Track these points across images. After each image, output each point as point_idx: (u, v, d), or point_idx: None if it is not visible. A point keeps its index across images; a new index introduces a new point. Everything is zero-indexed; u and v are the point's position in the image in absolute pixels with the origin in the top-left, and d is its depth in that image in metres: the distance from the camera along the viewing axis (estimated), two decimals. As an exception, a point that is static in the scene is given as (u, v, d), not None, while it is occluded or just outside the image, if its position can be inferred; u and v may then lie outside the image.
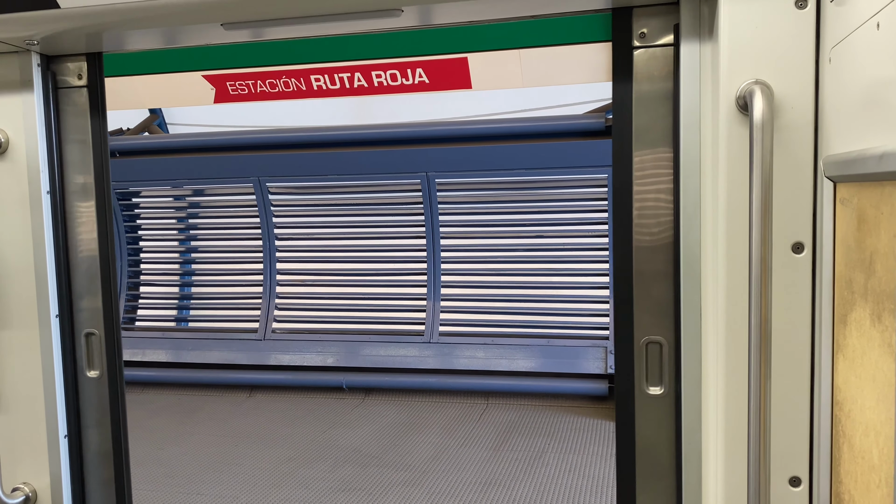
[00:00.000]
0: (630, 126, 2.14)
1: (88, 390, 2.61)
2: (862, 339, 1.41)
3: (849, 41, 1.50)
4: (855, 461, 1.46)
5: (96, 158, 2.52)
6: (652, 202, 2.14)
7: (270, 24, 2.15)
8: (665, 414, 2.16)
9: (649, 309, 2.16)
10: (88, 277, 2.57)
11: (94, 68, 2.49)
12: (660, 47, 2.10)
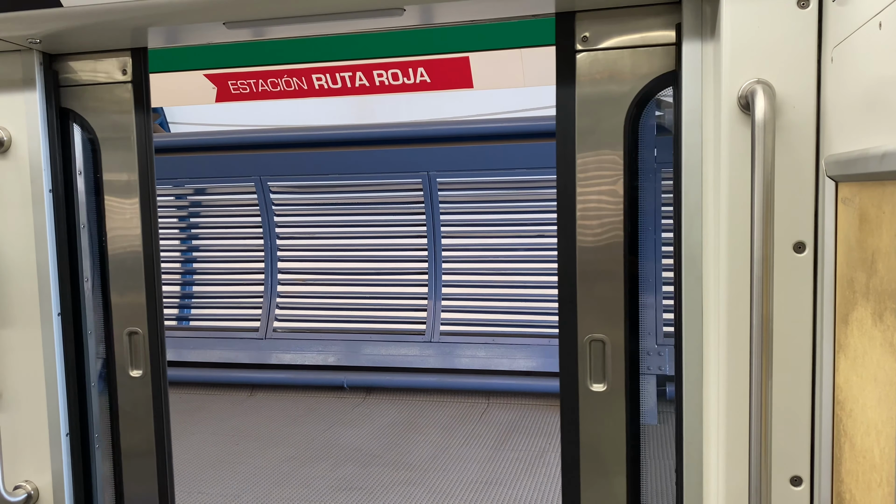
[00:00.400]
0: (573, 128, 2.18)
1: (131, 390, 2.55)
2: (863, 339, 1.41)
3: (851, 41, 1.50)
4: (856, 460, 1.46)
5: (140, 154, 2.47)
6: (595, 203, 2.18)
7: (272, 22, 2.15)
8: (609, 410, 2.21)
9: (593, 307, 2.20)
10: (131, 275, 2.52)
11: (138, 64, 2.45)
12: (602, 51, 2.14)
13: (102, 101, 2.48)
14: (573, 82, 2.16)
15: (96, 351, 2.64)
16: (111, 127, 2.49)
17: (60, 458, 2.49)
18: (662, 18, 2.07)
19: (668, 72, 2.09)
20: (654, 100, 2.14)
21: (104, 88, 2.48)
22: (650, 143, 2.18)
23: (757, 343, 1.58)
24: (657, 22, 2.09)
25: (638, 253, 2.21)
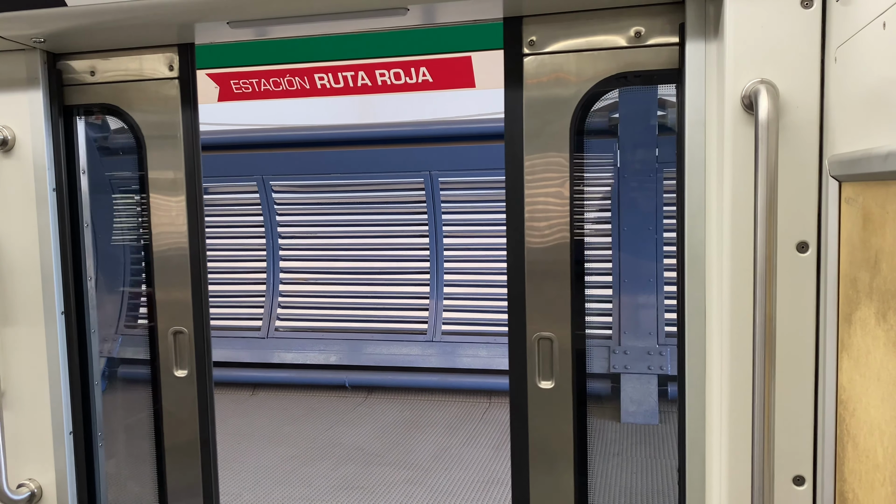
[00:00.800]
0: (521, 131, 2.21)
1: (175, 390, 2.52)
2: (867, 338, 1.41)
3: (855, 40, 1.50)
4: (859, 460, 1.46)
5: (187, 151, 2.44)
6: (542, 204, 2.22)
7: (276, 22, 2.16)
8: (556, 407, 2.25)
9: (541, 306, 2.24)
10: (176, 274, 2.48)
11: (185, 60, 2.42)
12: (548, 54, 2.17)
13: (149, 97, 2.44)
14: (521, 85, 2.19)
15: (99, 349, 2.65)
16: (157, 123, 2.45)
17: (64, 457, 2.50)
18: (664, 18, 2.07)
19: (613, 75, 2.13)
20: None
21: (150, 84, 2.44)
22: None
23: (760, 342, 1.59)
24: (606, 25, 2.12)
25: (584, 253, 2.26)
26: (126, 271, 2.79)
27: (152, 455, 2.60)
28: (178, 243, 2.47)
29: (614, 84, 2.15)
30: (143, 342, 2.73)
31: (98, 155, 2.71)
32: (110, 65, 2.46)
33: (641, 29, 2.10)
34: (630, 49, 2.12)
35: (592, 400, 6.16)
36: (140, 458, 2.69)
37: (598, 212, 7.58)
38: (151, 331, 2.53)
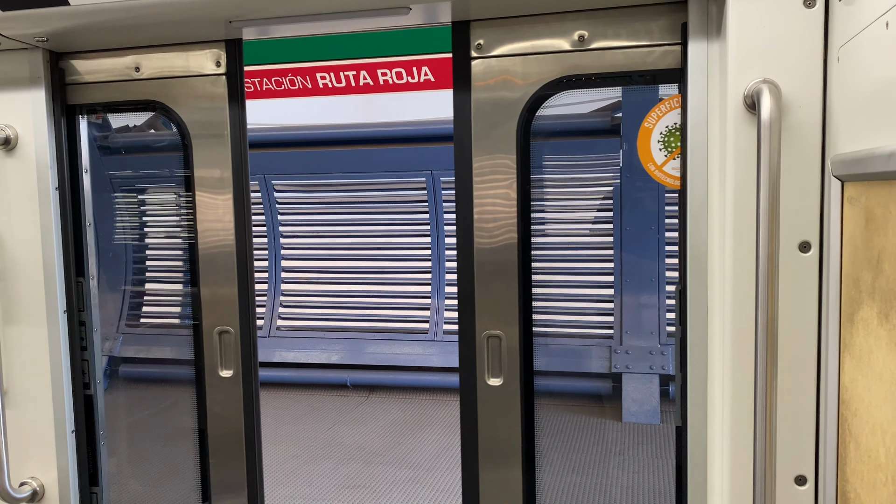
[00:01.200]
0: (469, 133, 2.24)
1: (220, 390, 2.49)
2: (869, 338, 1.41)
3: (857, 40, 1.50)
4: (861, 460, 1.46)
5: (235, 149, 2.41)
6: (490, 205, 2.25)
7: (277, 21, 2.16)
8: (504, 404, 2.29)
9: (489, 305, 2.28)
10: (222, 273, 2.45)
11: (233, 56, 2.38)
12: (495, 58, 2.20)
13: (195, 94, 2.41)
14: (469, 88, 2.23)
15: (102, 348, 2.65)
16: (204, 120, 2.41)
17: (66, 455, 2.50)
18: (666, 18, 2.07)
19: (558, 77, 2.16)
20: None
21: (197, 81, 2.41)
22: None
23: (762, 342, 1.59)
24: (549, 30, 2.15)
25: (531, 252, 2.29)
26: (128, 270, 2.78)
27: (195, 455, 2.58)
28: (225, 242, 2.44)
29: (559, 87, 2.19)
30: (146, 340, 2.73)
31: (102, 153, 2.69)
32: (153, 62, 2.42)
33: (585, 33, 2.13)
34: (574, 52, 2.15)
35: (593, 399, 6.26)
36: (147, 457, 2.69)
37: (598, 211, 7.60)
38: (196, 330, 2.50)
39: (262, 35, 2.34)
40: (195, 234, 2.45)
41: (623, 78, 2.15)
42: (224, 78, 2.38)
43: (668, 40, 2.08)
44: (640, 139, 2.14)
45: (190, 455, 2.62)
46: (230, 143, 2.40)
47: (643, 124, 2.13)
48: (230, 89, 2.39)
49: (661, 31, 2.08)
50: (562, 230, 2.13)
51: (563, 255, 2.36)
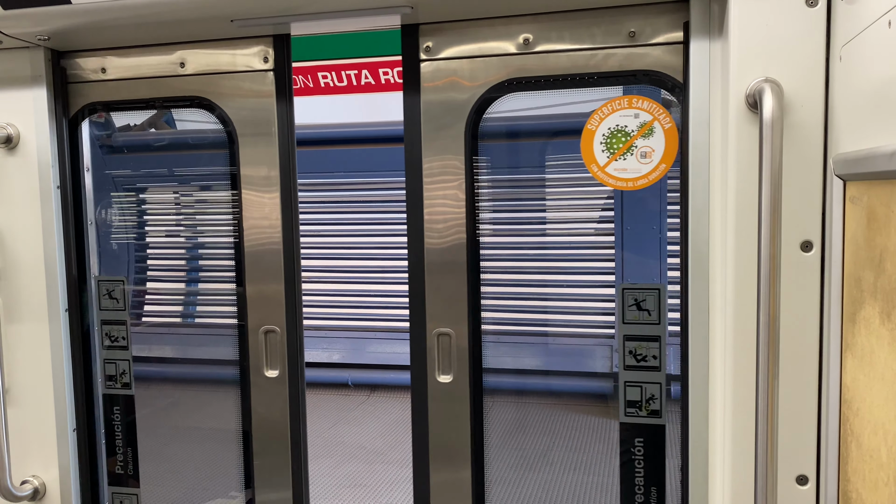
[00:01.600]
0: (419, 134, 2.26)
1: (265, 391, 2.46)
2: (871, 338, 1.41)
3: (860, 39, 1.50)
4: (863, 459, 1.46)
5: (282, 146, 2.38)
6: (440, 205, 2.28)
7: (280, 19, 2.16)
8: (456, 400, 2.35)
9: (440, 303, 2.32)
10: (268, 272, 2.42)
11: (281, 52, 2.36)
12: (443, 60, 2.23)
13: (241, 90, 2.38)
14: (418, 90, 2.25)
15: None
16: (251, 117, 2.38)
17: (67, 454, 2.50)
18: (668, 17, 2.07)
19: (506, 79, 2.20)
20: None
21: (243, 77, 2.38)
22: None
23: (764, 342, 1.58)
24: (495, 33, 2.18)
25: (479, 252, 2.33)
26: (130, 269, 2.77)
27: (239, 456, 2.56)
28: (272, 241, 2.41)
29: (505, 90, 2.22)
30: (183, 340, 2.73)
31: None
32: (200, 58, 2.40)
33: (529, 36, 2.16)
34: (519, 55, 2.18)
35: (594, 398, 6.19)
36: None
37: (602, 210, 7.60)
38: (241, 330, 2.48)
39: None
40: (240, 233, 2.42)
41: (572, 80, 2.18)
42: (272, 74, 2.36)
43: (639, 41, 2.11)
44: (583, 141, 2.18)
45: (233, 456, 2.60)
46: (278, 140, 2.37)
47: (586, 126, 2.17)
48: (278, 86, 2.36)
49: (637, 31, 2.09)
50: (520, 230, 2.15)
51: (518, 255, 2.36)
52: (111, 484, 2.66)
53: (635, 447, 2.27)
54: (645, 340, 2.24)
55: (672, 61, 2.08)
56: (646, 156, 2.13)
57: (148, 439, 2.67)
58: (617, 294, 2.26)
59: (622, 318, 2.25)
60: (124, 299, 2.60)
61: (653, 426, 2.25)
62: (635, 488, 2.29)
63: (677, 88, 2.08)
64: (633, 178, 2.16)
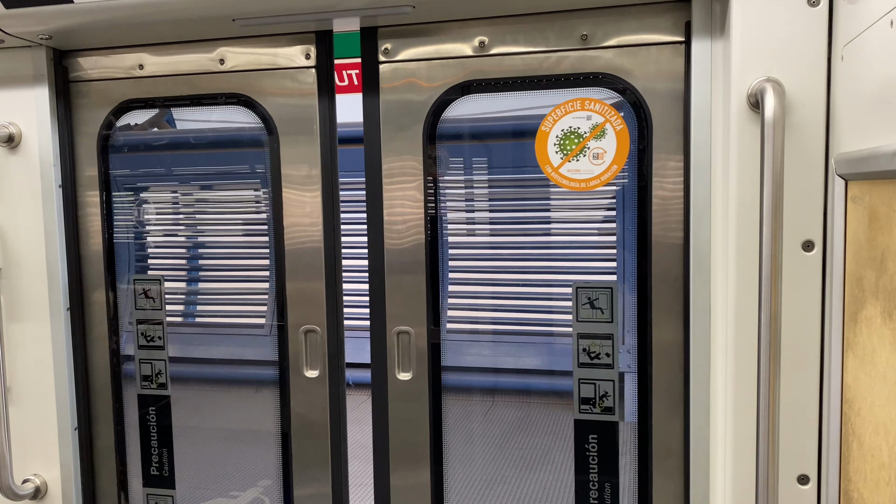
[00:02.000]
0: (378, 136, 2.28)
1: (305, 391, 2.46)
2: (872, 337, 1.41)
3: (862, 39, 1.50)
4: (864, 459, 1.46)
5: (323, 143, 2.37)
6: (399, 206, 2.30)
7: (281, 18, 2.16)
8: (414, 397, 2.38)
9: (400, 302, 2.35)
10: (309, 271, 2.41)
11: (323, 49, 2.34)
12: (401, 62, 2.25)
13: (282, 88, 2.36)
14: (377, 92, 2.27)
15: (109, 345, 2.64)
16: (292, 115, 2.36)
17: (69, 452, 2.50)
18: (669, 16, 2.07)
19: (462, 81, 2.22)
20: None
21: (284, 74, 2.36)
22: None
23: (765, 341, 1.58)
24: (451, 36, 2.21)
25: (439, 249, 2.36)
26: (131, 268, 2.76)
27: (278, 457, 2.55)
28: (312, 239, 2.40)
29: (462, 91, 2.24)
30: (221, 341, 2.72)
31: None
32: (240, 57, 2.38)
33: (485, 39, 2.19)
34: (475, 58, 2.21)
35: (553, 396, 6.11)
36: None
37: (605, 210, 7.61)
38: (280, 329, 2.47)
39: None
40: (281, 232, 2.41)
41: (528, 82, 2.21)
42: (314, 71, 2.34)
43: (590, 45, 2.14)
44: (537, 142, 2.21)
45: (271, 456, 2.59)
46: (319, 137, 2.36)
47: (540, 128, 2.20)
48: (320, 83, 2.34)
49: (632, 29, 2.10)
50: (478, 230, 2.16)
51: (477, 255, 2.37)
52: (146, 486, 2.65)
53: (589, 444, 2.31)
54: (598, 338, 2.27)
55: (624, 64, 2.11)
56: (598, 157, 2.17)
57: (184, 440, 2.66)
58: (572, 293, 2.29)
59: (577, 317, 2.29)
60: (161, 299, 2.59)
61: (606, 423, 2.27)
62: (590, 484, 2.31)
63: (628, 91, 2.11)
64: (586, 179, 2.20)
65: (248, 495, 2.61)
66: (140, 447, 2.64)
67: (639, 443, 2.23)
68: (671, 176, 2.10)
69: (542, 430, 2.52)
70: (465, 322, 2.49)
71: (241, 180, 2.57)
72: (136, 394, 2.62)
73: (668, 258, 2.14)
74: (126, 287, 2.61)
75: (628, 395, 2.27)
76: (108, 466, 2.65)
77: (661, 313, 2.16)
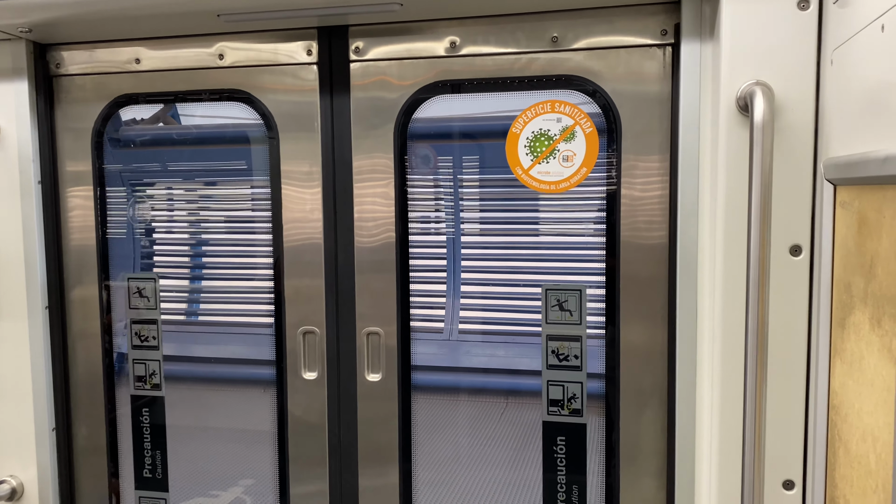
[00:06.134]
0: (349, 133, 2.27)
1: (302, 393, 2.40)
2: (860, 344, 1.40)
3: (852, 43, 1.49)
4: (851, 466, 1.45)
5: (325, 141, 2.32)
6: (370, 205, 2.29)
7: (267, 14, 2.13)
8: (383, 398, 2.37)
9: (369, 303, 2.32)
10: (308, 270, 2.36)
11: (325, 45, 2.29)
12: (372, 61, 2.25)
13: (283, 83, 2.32)
14: (348, 90, 2.26)
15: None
16: (291, 112, 2.32)
17: (46, 453, 2.46)
18: (657, 18, 2.06)
19: (434, 81, 2.22)
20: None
21: (284, 70, 2.31)
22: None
23: (752, 346, 1.57)
24: (423, 36, 2.19)
25: (409, 251, 2.35)
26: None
27: (274, 461, 2.51)
28: (311, 236, 2.35)
29: (433, 91, 2.24)
30: (213, 340, 2.68)
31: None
32: (240, 53, 2.33)
33: (456, 39, 2.18)
34: (446, 58, 2.20)
35: (524, 397, 6.11)
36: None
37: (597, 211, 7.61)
38: (277, 330, 2.43)
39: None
40: (279, 230, 2.37)
41: (498, 83, 2.21)
42: (315, 67, 2.30)
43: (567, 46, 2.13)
44: (507, 144, 2.22)
45: (266, 458, 2.54)
46: (320, 134, 2.32)
47: (511, 129, 2.20)
48: (321, 79, 2.30)
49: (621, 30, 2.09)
50: (450, 231, 2.14)
51: (448, 254, 2.35)
52: (138, 488, 2.60)
53: (557, 445, 2.31)
54: (567, 340, 2.26)
55: (593, 66, 2.11)
56: (567, 159, 2.17)
57: (178, 442, 2.61)
58: (541, 294, 2.29)
59: (546, 318, 2.28)
60: (155, 298, 2.55)
61: (574, 425, 2.27)
62: (557, 486, 2.32)
63: (598, 93, 2.11)
64: (556, 182, 2.20)
65: (242, 498, 2.57)
66: (133, 448, 2.59)
67: (606, 445, 2.24)
68: (641, 178, 2.11)
69: (514, 430, 2.52)
70: (433, 321, 2.47)
71: (239, 177, 2.53)
72: (129, 394, 2.57)
73: (637, 259, 2.14)
74: (114, 285, 2.57)
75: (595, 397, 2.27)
76: (89, 468, 2.60)
77: (629, 315, 2.15)
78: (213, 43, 2.35)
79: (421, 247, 2.40)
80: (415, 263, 2.39)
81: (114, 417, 2.59)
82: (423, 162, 2.35)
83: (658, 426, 2.16)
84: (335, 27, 2.25)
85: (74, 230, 2.52)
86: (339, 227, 2.32)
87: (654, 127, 2.08)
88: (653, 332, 2.14)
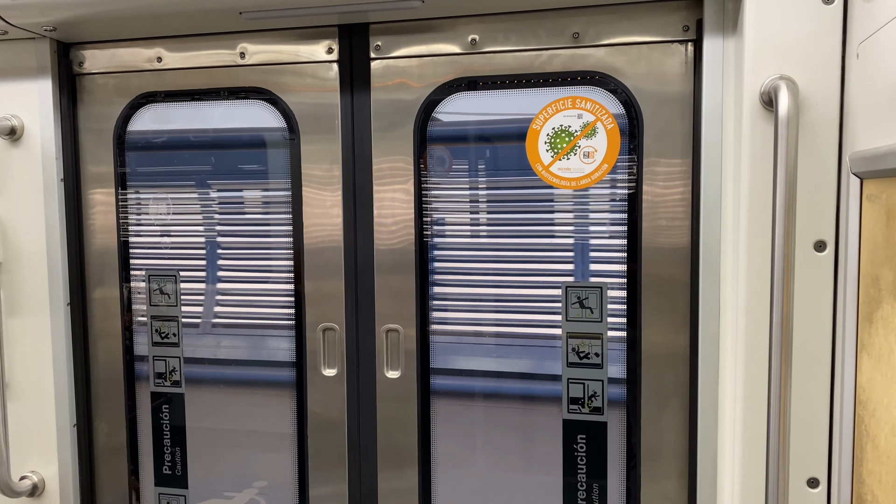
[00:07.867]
0: (369, 133, 2.27)
1: (322, 390, 2.41)
2: (889, 337, 1.39)
3: (878, 36, 1.48)
4: (880, 461, 1.44)
5: (345, 141, 2.34)
6: (389, 204, 2.29)
7: (289, 12, 2.14)
8: (402, 395, 2.35)
9: (389, 300, 2.32)
10: (328, 269, 2.37)
11: (346, 43, 2.29)
12: (392, 59, 2.25)
13: (303, 82, 2.33)
14: (368, 89, 2.26)
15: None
16: (311, 112, 2.33)
17: (67, 449, 2.48)
18: (679, 14, 2.05)
19: (454, 79, 2.22)
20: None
21: (305, 68, 2.32)
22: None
23: (776, 342, 1.56)
24: (443, 35, 2.20)
25: (428, 249, 2.34)
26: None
27: (293, 457, 2.50)
28: (331, 236, 2.36)
29: (453, 89, 2.24)
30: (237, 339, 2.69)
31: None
32: (261, 52, 2.34)
33: (477, 36, 2.19)
34: (467, 55, 2.20)
35: (543, 398, 6.11)
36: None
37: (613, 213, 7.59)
38: (297, 328, 2.44)
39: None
40: (300, 230, 2.38)
41: (517, 80, 2.20)
42: (336, 66, 2.30)
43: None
44: (528, 141, 2.21)
45: (287, 457, 2.53)
46: (341, 134, 2.32)
47: (531, 126, 2.20)
48: (342, 78, 2.30)
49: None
50: (469, 231, 2.13)
51: (467, 256, 2.33)
52: (158, 485, 2.60)
53: (578, 444, 2.29)
54: (587, 338, 2.25)
55: (615, 63, 2.10)
56: (588, 156, 2.16)
57: (198, 439, 2.61)
58: (562, 292, 2.28)
59: (566, 316, 2.27)
60: (176, 295, 2.56)
61: (595, 423, 2.25)
62: (578, 485, 2.30)
63: (619, 90, 2.11)
64: (577, 178, 2.19)
65: (259, 498, 2.57)
66: (152, 445, 2.60)
67: (627, 444, 2.22)
68: (662, 174, 2.10)
69: (532, 430, 2.51)
70: (453, 323, 2.46)
71: (262, 178, 2.53)
72: (150, 391, 2.58)
73: (658, 258, 2.13)
74: (135, 283, 2.58)
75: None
76: (110, 464, 2.61)
77: (651, 313, 2.14)
78: (234, 42, 2.36)
79: (441, 248, 2.39)
80: (437, 266, 2.39)
81: (134, 415, 2.60)
82: (438, 163, 2.35)
83: (679, 425, 2.15)
84: (356, 25, 2.26)
85: (96, 228, 2.54)
86: (360, 227, 2.32)
87: (676, 123, 2.07)
88: (674, 330, 2.13)
